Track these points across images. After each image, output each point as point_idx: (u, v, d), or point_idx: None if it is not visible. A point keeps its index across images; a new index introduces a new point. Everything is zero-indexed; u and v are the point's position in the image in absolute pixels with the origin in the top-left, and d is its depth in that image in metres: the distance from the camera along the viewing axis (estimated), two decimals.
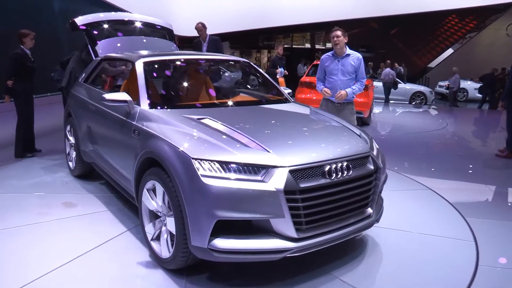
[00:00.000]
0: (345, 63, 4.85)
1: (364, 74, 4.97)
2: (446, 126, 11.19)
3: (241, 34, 22.61)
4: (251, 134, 3.07)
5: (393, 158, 7.02)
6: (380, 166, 3.30)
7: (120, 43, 5.74)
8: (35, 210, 4.28)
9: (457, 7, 20.27)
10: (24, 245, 3.54)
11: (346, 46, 4.90)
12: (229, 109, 4.00)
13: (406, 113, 14.10)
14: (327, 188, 2.87)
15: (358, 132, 3.53)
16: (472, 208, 4.72)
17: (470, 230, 4.04)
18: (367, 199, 3.20)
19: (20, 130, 6.15)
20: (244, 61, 5.10)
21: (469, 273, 3.23)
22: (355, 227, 3.09)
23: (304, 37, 31.00)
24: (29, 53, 6.04)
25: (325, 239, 2.89)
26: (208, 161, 2.73)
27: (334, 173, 2.90)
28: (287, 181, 2.68)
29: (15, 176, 5.42)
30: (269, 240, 2.71)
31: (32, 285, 2.92)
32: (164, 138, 3.09)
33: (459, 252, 3.61)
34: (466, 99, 19.39)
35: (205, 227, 2.66)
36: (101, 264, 3.22)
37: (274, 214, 2.66)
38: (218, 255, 2.70)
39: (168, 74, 4.62)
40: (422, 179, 5.68)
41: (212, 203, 2.64)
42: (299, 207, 2.72)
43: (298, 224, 2.74)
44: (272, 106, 4.23)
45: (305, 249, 2.80)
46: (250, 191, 2.63)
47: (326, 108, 4.90)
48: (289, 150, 2.94)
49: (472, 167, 6.75)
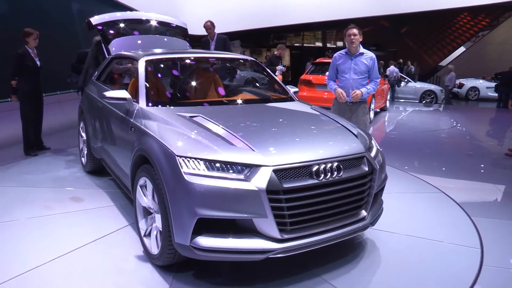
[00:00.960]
0: (358, 62, 4.74)
1: (378, 74, 4.85)
2: (457, 125, 11.11)
3: (252, 33, 22.61)
4: (240, 132, 3.05)
5: (402, 157, 7.01)
6: (376, 167, 3.18)
7: (133, 42, 5.81)
8: (42, 203, 4.41)
9: (470, 5, 20.05)
10: (23, 237, 3.65)
11: (360, 45, 4.79)
12: (226, 108, 3.97)
13: (416, 112, 14.00)
14: (314, 189, 2.80)
15: (356, 132, 3.43)
16: (480, 208, 4.69)
17: (476, 232, 4.01)
18: (360, 201, 3.11)
19: (24, 128, 6.28)
20: (251, 59, 5.13)
21: (472, 273, 3.22)
22: (347, 230, 3.01)
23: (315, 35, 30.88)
24: (31, 52, 6.12)
25: (312, 241, 2.83)
26: (192, 159, 2.74)
27: (322, 173, 2.83)
28: (270, 181, 2.64)
29: (29, 171, 5.60)
30: (252, 240, 2.68)
31: (23, 276, 3.01)
32: (153, 135, 3.15)
33: (462, 255, 3.58)
34: (477, 98, 19.18)
35: (187, 225, 2.66)
36: (94, 258, 3.31)
37: (256, 214, 2.63)
38: (200, 253, 2.69)
39: (170, 72, 4.70)
40: (430, 179, 5.66)
41: (193, 201, 2.63)
42: (283, 207, 2.68)
43: (282, 225, 2.70)
44: (272, 105, 4.23)
45: (290, 250, 2.75)
46: (232, 190, 2.61)
47: (338, 107, 4.85)
48: (275, 149, 2.90)
49: (481, 167, 6.71)
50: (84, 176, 5.38)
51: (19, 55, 6.03)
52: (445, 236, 3.88)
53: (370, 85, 4.78)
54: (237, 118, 3.54)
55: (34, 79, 6.20)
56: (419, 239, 3.80)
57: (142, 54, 4.43)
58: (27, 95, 6.16)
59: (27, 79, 6.11)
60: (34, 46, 6.16)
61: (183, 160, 2.74)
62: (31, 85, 6.17)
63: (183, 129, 3.11)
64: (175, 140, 2.95)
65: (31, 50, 6.13)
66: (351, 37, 4.66)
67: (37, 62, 6.20)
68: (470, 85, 19.39)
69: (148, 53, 4.54)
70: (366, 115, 4.88)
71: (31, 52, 6.12)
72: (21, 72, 6.07)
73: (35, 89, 6.26)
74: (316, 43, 30.74)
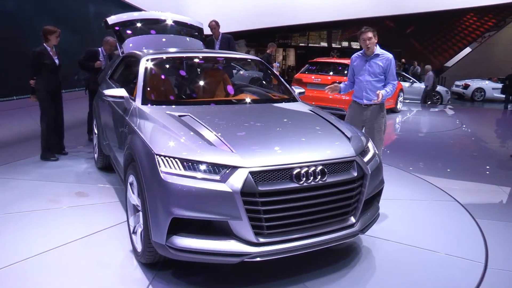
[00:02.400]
0: (373, 64, 4.54)
1: (395, 76, 4.58)
2: (462, 126, 11.05)
3: (257, 32, 22.60)
4: (224, 133, 3.02)
5: (407, 157, 6.98)
6: (367, 172, 3.05)
7: (147, 41, 5.83)
8: (49, 197, 4.54)
9: (476, 5, 19.96)
10: (19, 229, 3.75)
11: (377, 46, 4.57)
12: (220, 107, 3.92)
13: (421, 112, 13.94)
14: (294, 193, 2.72)
15: (350, 135, 3.29)
16: (485, 210, 4.66)
17: (481, 234, 3.98)
18: (347, 207, 2.98)
19: (43, 130, 6.00)
20: (256, 59, 5.11)
21: (477, 275, 3.19)
22: (333, 237, 2.89)
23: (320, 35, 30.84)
24: (49, 50, 5.91)
25: (292, 246, 2.74)
26: (171, 158, 2.73)
27: (304, 177, 2.74)
28: (245, 183, 2.59)
29: (45, 165, 5.75)
30: (227, 243, 2.62)
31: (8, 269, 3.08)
32: (139, 133, 3.18)
33: (467, 257, 3.55)
34: (483, 99, 19.07)
35: (162, 224, 2.65)
36: (82, 252, 3.36)
37: (231, 216, 2.58)
38: (175, 253, 2.67)
39: (172, 71, 4.71)
40: (435, 180, 5.63)
41: (168, 200, 2.62)
42: (259, 210, 2.62)
43: (258, 228, 2.64)
44: (269, 105, 4.18)
45: (267, 255, 2.67)
46: (207, 190, 2.58)
47: (353, 109, 4.71)
48: (256, 151, 2.84)
49: (486, 168, 6.66)
50: (95, 172, 5.50)
51: (36, 53, 5.81)
52: (449, 238, 3.86)
53: (388, 87, 4.54)
54: (227, 118, 3.51)
55: (53, 78, 5.97)
56: (421, 240, 3.76)
57: (145, 53, 4.46)
58: (46, 95, 5.94)
59: (45, 78, 5.87)
60: (54, 44, 5.96)
61: (161, 159, 2.74)
62: (50, 85, 5.93)
63: (168, 128, 3.11)
64: (156, 139, 2.96)
65: (50, 48, 5.91)
66: (366, 42, 4.47)
67: (56, 60, 5.97)
68: (476, 86, 19.27)
69: (151, 52, 4.56)
70: (382, 119, 4.63)
71: (49, 51, 5.90)
72: (39, 71, 5.86)
73: (54, 89, 6.04)
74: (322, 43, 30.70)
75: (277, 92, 4.72)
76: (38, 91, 5.90)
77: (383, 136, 4.65)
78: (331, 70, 11.22)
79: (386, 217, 4.20)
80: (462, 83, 19.72)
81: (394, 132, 10.01)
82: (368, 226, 3.19)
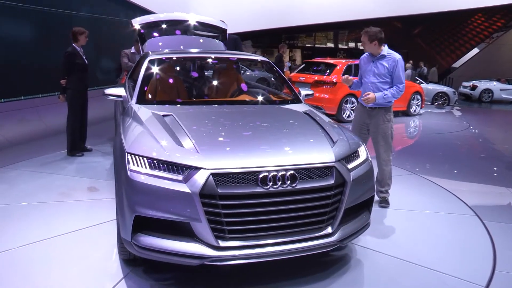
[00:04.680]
0: (379, 65, 4.42)
1: (402, 78, 4.39)
2: (469, 127, 10.98)
3: (263, 33, 22.62)
4: (198, 134, 3.02)
5: (413, 159, 6.95)
6: (348, 180, 2.87)
7: (167, 42, 5.92)
8: (61, 190, 4.78)
9: (484, 6, 19.83)
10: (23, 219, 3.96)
11: (385, 46, 4.47)
12: (208, 108, 3.89)
13: (428, 113, 13.86)
14: (259, 197, 2.63)
15: (336, 139, 3.14)
16: (492, 212, 4.61)
17: (489, 236, 3.95)
18: (322, 215, 2.82)
19: (69, 127, 6.24)
20: (263, 59, 5.09)
21: (484, 278, 3.16)
22: (304, 246, 2.76)
23: (327, 36, 30.83)
24: (80, 50, 6.17)
25: (257, 253, 2.66)
26: (140, 156, 2.76)
27: (271, 182, 2.64)
28: (206, 185, 2.55)
29: (67, 160, 6.08)
30: (188, 244, 2.61)
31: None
32: (121, 131, 3.26)
33: (474, 260, 3.52)
34: (491, 100, 18.94)
35: (127, 221, 2.68)
36: (72, 244, 3.48)
37: (191, 218, 2.57)
38: (140, 251, 2.69)
39: (173, 71, 4.75)
40: (442, 181, 5.59)
41: (132, 198, 2.66)
42: (219, 213, 2.58)
43: (219, 232, 2.60)
44: (263, 106, 4.13)
45: (228, 259, 2.63)
46: (168, 190, 2.59)
47: (359, 112, 4.63)
48: (222, 152, 2.81)
49: (494, 170, 6.61)
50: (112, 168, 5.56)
51: (68, 53, 6.04)
52: (457, 240, 3.83)
53: (390, 90, 4.37)
54: (209, 119, 3.49)
55: (82, 78, 6.20)
56: (424, 241, 3.74)
57: (151, 53, 4.57)
58: (75, 94, 6.16)
59: (76, 78, 6.10)
60: (83, 44, 6.20)
61: (131, 157, 2.78)
62: (81, 84, 6.17)
63: (146, 127, 3.15)
64: (131, 137, 3.01)
65: (79, 48, 6.17)
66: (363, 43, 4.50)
67: (85, 60, 6.25)
68: (484, 87, 19.13)
69: (157, 52, 4.63)
70: (387, 123, 4.45)
71: (79, 50, 6.16)
72: (71, 71, 6.08)
73: (83, 88, 6.29)
74: (328, 44, 30.69)
75: (280, 92, 4.70)
76: (69, 90, 6.12)
77: (390, 141, 4.50)
78: (318, 69, 11.65)
79: (388, 220, 4.19)
80: (469, 84, 19.59)
81: (399, 132, 9.96)
82: (350, 237, 2.99)
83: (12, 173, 5.34)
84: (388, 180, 4.56)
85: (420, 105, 12.77)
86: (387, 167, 4.53)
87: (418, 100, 12.66)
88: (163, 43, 5.83)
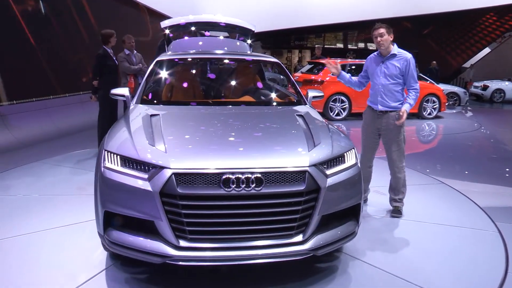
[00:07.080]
0: (389, 65, 4.15)
1: (415, 79, 4.14)
2: (480, 128, 10.89)
3: (272, 34, 22.62)
4: (172, 134, 3.06)
5: (424, 159, 6.92)
6: (322, 186, 2.75)
7: (191, 44, 6.01)
8: (79, 184, 5.09)
9: (496, 4, 19.62)
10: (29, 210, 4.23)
11: (394, 44, 4.20)
12: (199, 109, 3.90)
13: (439, 114, 13.74)
14: (220, 199, 2.61)
15: (318, 142, 3.02)
16: (505, 213, 4.58)
17: (501, 238, 3.92)
18: (292, 222, 2.71)
19: (99, 126, 6.42)
20: (273, 61, 5.07)
21: (497, 281, 3.14)
22: (271, 252, 2.68)
23: (336, 36, 30.70)
24: (110, 52, 6.37)
25: (220, 255, 2.63)
26: (114, 154, 2.86)
27: (234, 184, 2.59)
28: (167, 184, 2.58)
29: (90, 156, 6.37)
30: (153, 242, 2.65)
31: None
32: (111, 129, 3.37)
33: (486, 262, 3.49)
34: (502, 100, 18.73)
35: (100, 216, 2.81)
36: (67, 236, 3.67)
37: (153, 216, 2.63)
38: (110, 245, 2.79)
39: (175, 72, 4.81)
40: (452, 182, 5.57)
41: (103, 193, 2.79)
42: (180, 213, 2.59)
43: (180, 232, 2.62)
44: (256, 107, 4.08)
45: (189, 260, 2.64)
46: (132, 188, 2.67)
47: (367, 116, 4.38)
48: (188, 153, 2.82)
49: (506, 171, 6.56)
50: None
51: (100, 55, 6.25)
52: (468, 241, 3.81)
53: (409, 96, 4.13)
54: (194, 120, 3.54)
55: (113, 78, 6.39)
56: (430, 242, 3.72)
57: (162, 55, 4.67)
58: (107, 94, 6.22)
59: (108, 78, 6.26)
60: (113, 45, 6.42)
61: (107, 154, 2.89)
62: (112, 84, 6.20)
63: (128, 126, 3.24)
64: (112, 135, 3.14)
65: (110, 50, 6.38)
66: (378, 38, 4.11)
67: (115, 61, 6.48)
68: (495, 87, 18.92)
69: (166, 54, 4.77)
70: (400, 128, 4.19)
71: (110, 52, 6.36)
72: (102, 72, 6.26)
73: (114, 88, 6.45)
74: (338, 44, 30.56)
75: (284, 94, 4.68)
76: (101, 90, 6.27)
77: (403, 146, 4.26)
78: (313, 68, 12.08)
79: (397, 231, 4.16)
80: (480, 84, 19.40)
81: (409, 133, 9.90)
82: (327, 247, 2.85)
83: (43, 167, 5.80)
84: (402, 188, 4.33)
85: (437, 108, 12.26)
86: (401, 174, 4.29)
87: (435, 102, 12.23)
88: (186, 44, 5.91)
